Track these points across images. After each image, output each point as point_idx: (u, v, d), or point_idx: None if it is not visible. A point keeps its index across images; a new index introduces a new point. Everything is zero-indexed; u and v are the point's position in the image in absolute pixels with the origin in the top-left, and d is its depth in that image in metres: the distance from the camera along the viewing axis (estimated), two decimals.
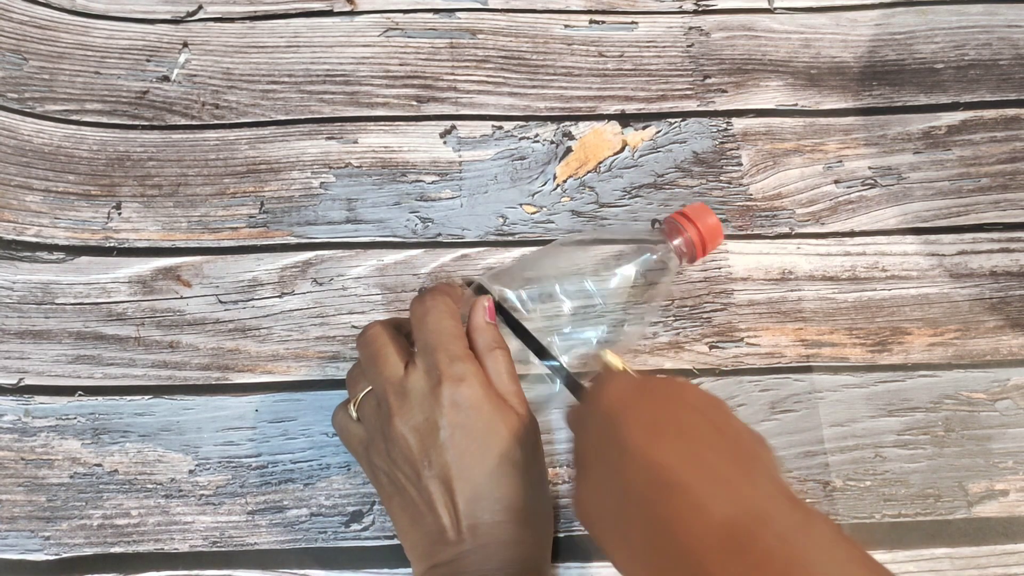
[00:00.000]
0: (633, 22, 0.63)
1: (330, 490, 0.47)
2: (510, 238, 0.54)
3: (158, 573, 0.45)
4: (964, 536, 0.47)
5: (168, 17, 0.62)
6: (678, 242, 0.49)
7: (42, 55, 0.60)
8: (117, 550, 0.46)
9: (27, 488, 0.47)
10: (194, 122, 0.58)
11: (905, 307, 0.53)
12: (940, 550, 0.46)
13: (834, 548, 0.29)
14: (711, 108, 0.59)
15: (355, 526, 0.47)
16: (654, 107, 0.59)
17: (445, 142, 0.58)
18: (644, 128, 0.58)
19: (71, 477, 0.47)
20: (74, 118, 0.58)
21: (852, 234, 0.55)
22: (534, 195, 0.56)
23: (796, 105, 0.59)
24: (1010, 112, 0.59)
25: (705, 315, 0.52)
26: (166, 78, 0.59)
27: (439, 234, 0.55)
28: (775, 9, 0.64)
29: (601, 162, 0.57)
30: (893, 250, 0.55)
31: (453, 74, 0.60)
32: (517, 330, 0.44)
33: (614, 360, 0.42)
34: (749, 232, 0.55)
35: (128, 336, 0.51)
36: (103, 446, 0.48)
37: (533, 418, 0.43)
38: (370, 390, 0.43)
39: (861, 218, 0.56)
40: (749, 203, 0.56)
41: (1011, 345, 0.52)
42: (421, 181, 0.56)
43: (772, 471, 0.34)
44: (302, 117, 0.58)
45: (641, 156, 0.57)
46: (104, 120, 0.58)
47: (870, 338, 0.52)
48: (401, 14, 0.62)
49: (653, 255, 0.48)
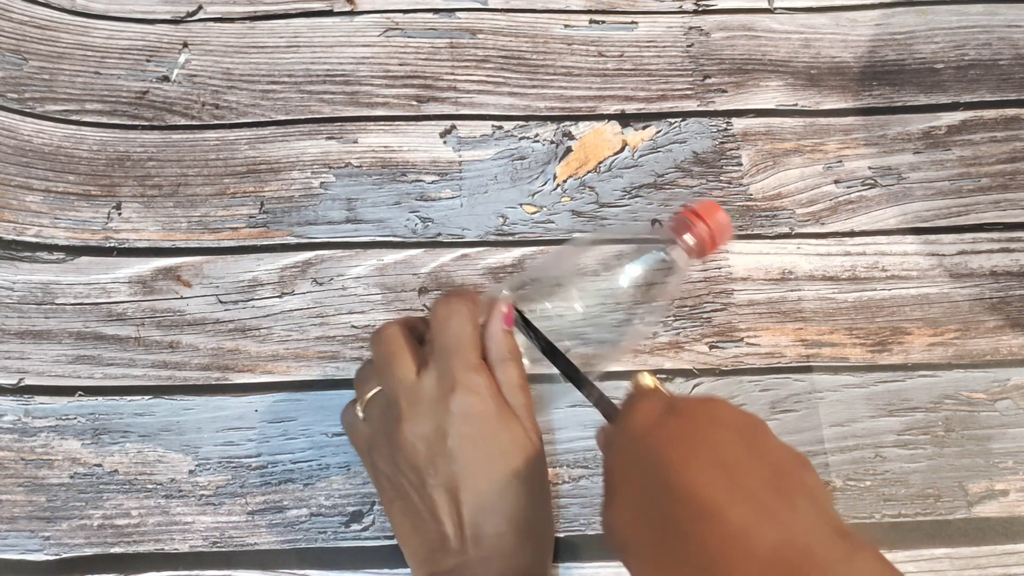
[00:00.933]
0: (633, 22, 0.63)
1: (330, 490, 0.47)
2: (510, 238, 0.54)
3: (158, 573, 0.45)
4: (964, 536, 0.47)
5: (168, 17, 0.62)
6: (687, 238, 0.48)
7: (42, 55, 0.60)
8: (117, 550, 0.46)
9: (27, 488, 0.47)
10: (194, 122, 0.58)
11: (905, 307, 0.53)
12: (940, 550, 0.46)
13: None
14: (711, 108, 0.59)
15: (355, 526, 0.47)
16: (654, 107, 0.59)
17: (445, 142, 0.58)
18: (644, 128, 0.58)
19: (71, 477, 0.47)
20: (74, 118, 0.58)
21: (852, 234, 0.55)
22: (534, 195, 0.56)
23: (796, 105, 0.59)
24: (1010, 112, 0.59)
25: (705, 315, 0.52)
26: (166, 78, 0.59)
27: (439, 234, 0.55)
28: (775, 9, 0.64)
29: (601, 162, 0.57)
30: (893, 250, 0.55)
31: (453, 74, 0.60)
32: (547, 351, 0.43)
33: (647, 380, 0.40)
34: (749, 232, 0.55)
35: (128, 336, 0.51)
36: (103, 446, 0.48)
37: (539, 432, 0.42)
38: (379, 391, 0.42)
39: (861, 218, 0.56)
40: (749, 203, 0.56)
41: (1011, 345, 0.52)
42: (421, 181, 0.56)
43: (817, 497, 0.32)
44: (302, 117, 0.58)
45: (641, 156, 0.57)
46: (104, 120, 0.58)
47: (870, 338, 0.52)
48: (401, 14, 0.62)
49: (662, 253, 0.48)
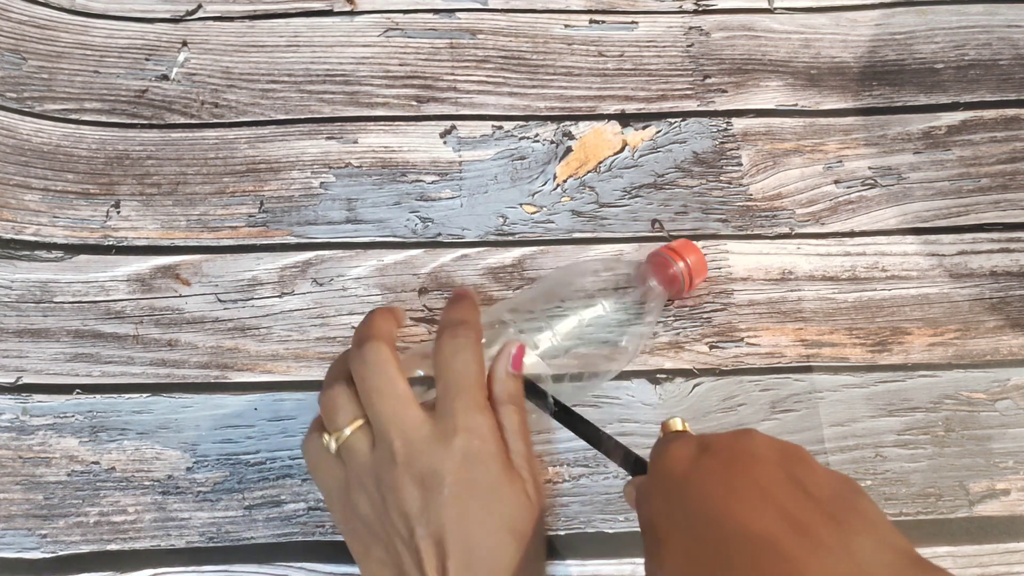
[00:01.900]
0: (633, 22, 0.63)
1: None
2: (510, 238, 0.54)
3: (155, 570, 0.45)
4: (966, 534, 0.46)
5: (167, 16, 0.62)
6: (662, 282, 0.49)
7: (41, 54, 0.60)
8: (113, 547, 0.46)
9: (24, 486, 0.47)
10: (193, 121, 0.58)
11: (905, 307, 0.53)
12: (942, 548, 0.46)
13: None
14: (711, 108, 0.59)
15: None
16: (654, 107, 0.59)
17: (445, 142, 0.58)
18: (644, 128, 0.58)
19: (68, 475, 0.47)
20: (73, 117, 0.58)
21: (852, 234, 0.55)
22: (534, 195, 0.56)
23: (796, 105, 0.59)
24: (1010, 112, 0.59)
25: (705, 315, 0.52)
26: (165, 77, 0.59)
27: (439, 234, 0.54)
28: (775, 9, 0.64)
29: (601, 162, 0.57)
30: (893, 250, 0.54)
31: (453, 74, 0.60)
32: (559, 413, 0.41)
33: (676, 423, 0.39)
34: (749, 232, 0.55)
35: (127, 334, 0.51)
36: (101, 444, 0.48)
37: (539, 485, 0.41)
38: (362, 424, 0.39)
39: (861, 218, 0.56)
40: (749, 203, 0.56)
41: (1011, 345, 0.52)
42: (421, 181, 0.56)
43: (876, 522, 0.30)
44: (302, 117, 0.58)
45: (641, 156, 0.57)
46: (103, 119, 0.58)
47: (870, 338, 0.52)
48: (401, 14, 0.62)
49: (639, 292, 0.48)
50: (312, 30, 0.62)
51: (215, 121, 0.58)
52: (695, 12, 0.63)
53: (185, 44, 0.61)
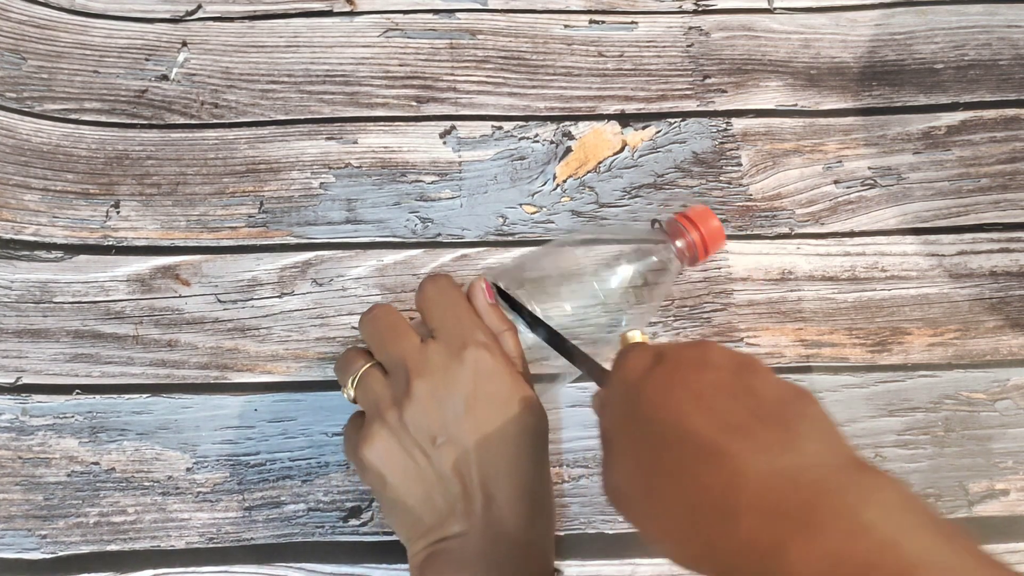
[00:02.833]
0: (633, 22, 0.63)
1: (328, 486, 0.47)
2: (510, 238, 0.54)
3: (154, 571, 0.45)
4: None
5: (167, 16, 0.62)
6: (680, 244, 0.48)
7: (41, 54, 0.60)
8: (113, 548, 0.46)
9: (24, 487, 0.47)
10: (193, 121, 0.58)
11: (905, 307, 0.53)
12: None
13: (902, 513, 0.25)
14: (711, 108, 0.59)
15: (353, 521, 0.47)
16: (654, 107, 0.59)
17: (445, 142, 0.58)
18: (644, 128, 0.58)
19: (68, 475, 0.47)
20: (73, 117, 0.58)
21: (852, 234, 0.55)
22: (534, 195, 0.56)
23: (796, 105, 0.59)
24: (1010, 112, 0.59)
25: (705, 315, 0.52)
26: (165, 77, 0.59)
27: (439, 234, 0.54)
28: (775, 9, 0.64)
29: (601, 162, 0.57)
30: (893, 250, 0.54)
31: (453, 74, 0.60)
32: (532, 323, 0.43)
33: (635, 335, 0.39)
34: (749, 232, 0.55)
35: (126, 335, 0.51)
36: (100, 444, 0.48)
37: (541, 404, 0.41)
38: (372, 364, 0.41)
39: (861, 218, 0.56)
40: (749, 203, 0.56)
41: (1011, 345, 0.52)
42: (421, 181, 0.56)
43: (823, 426, 0.30)
44: (302, 117, 0.58)
45: (641, 156, 0.57)
46: (103, 119, 0.58)
47: (870, 338, 0.52)
48: (401, 14, 0.62)
49: (654, 256, 0.48)
50: (312, 30, 0.62)
51: (215, 121, 0.58)
52: (695, 12, 0.63)
53: (185, 44, 0.61)
